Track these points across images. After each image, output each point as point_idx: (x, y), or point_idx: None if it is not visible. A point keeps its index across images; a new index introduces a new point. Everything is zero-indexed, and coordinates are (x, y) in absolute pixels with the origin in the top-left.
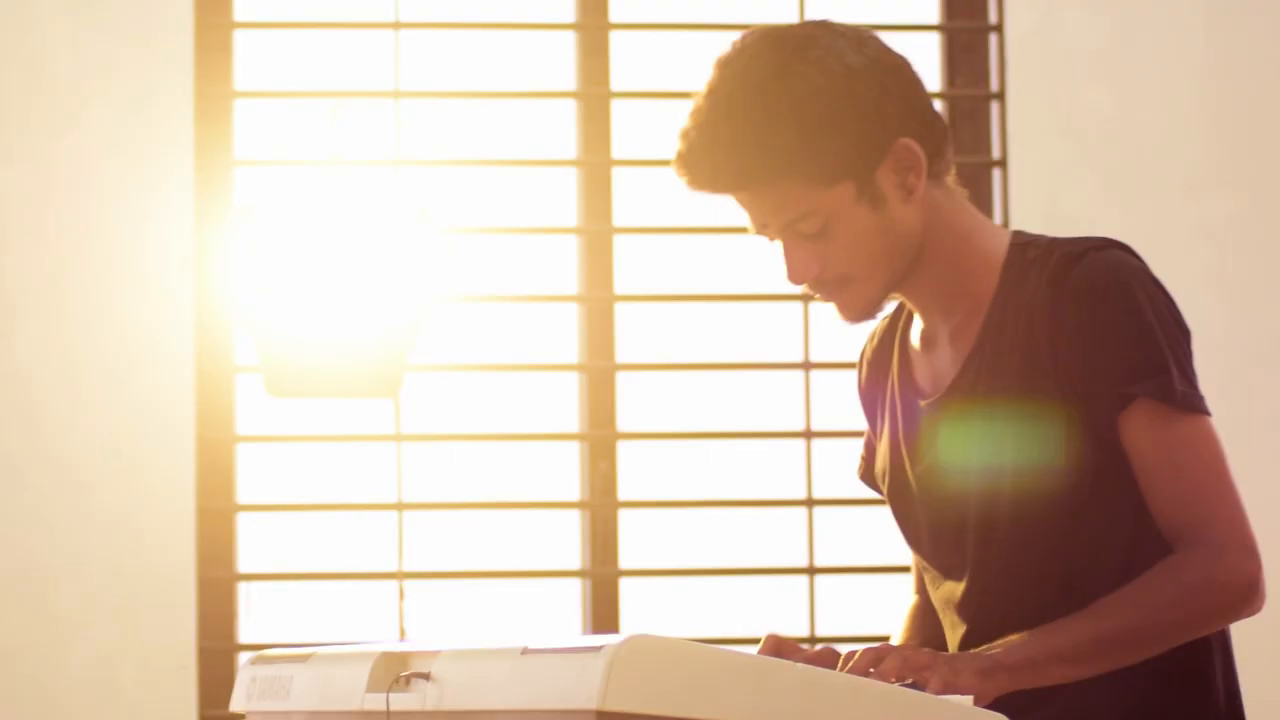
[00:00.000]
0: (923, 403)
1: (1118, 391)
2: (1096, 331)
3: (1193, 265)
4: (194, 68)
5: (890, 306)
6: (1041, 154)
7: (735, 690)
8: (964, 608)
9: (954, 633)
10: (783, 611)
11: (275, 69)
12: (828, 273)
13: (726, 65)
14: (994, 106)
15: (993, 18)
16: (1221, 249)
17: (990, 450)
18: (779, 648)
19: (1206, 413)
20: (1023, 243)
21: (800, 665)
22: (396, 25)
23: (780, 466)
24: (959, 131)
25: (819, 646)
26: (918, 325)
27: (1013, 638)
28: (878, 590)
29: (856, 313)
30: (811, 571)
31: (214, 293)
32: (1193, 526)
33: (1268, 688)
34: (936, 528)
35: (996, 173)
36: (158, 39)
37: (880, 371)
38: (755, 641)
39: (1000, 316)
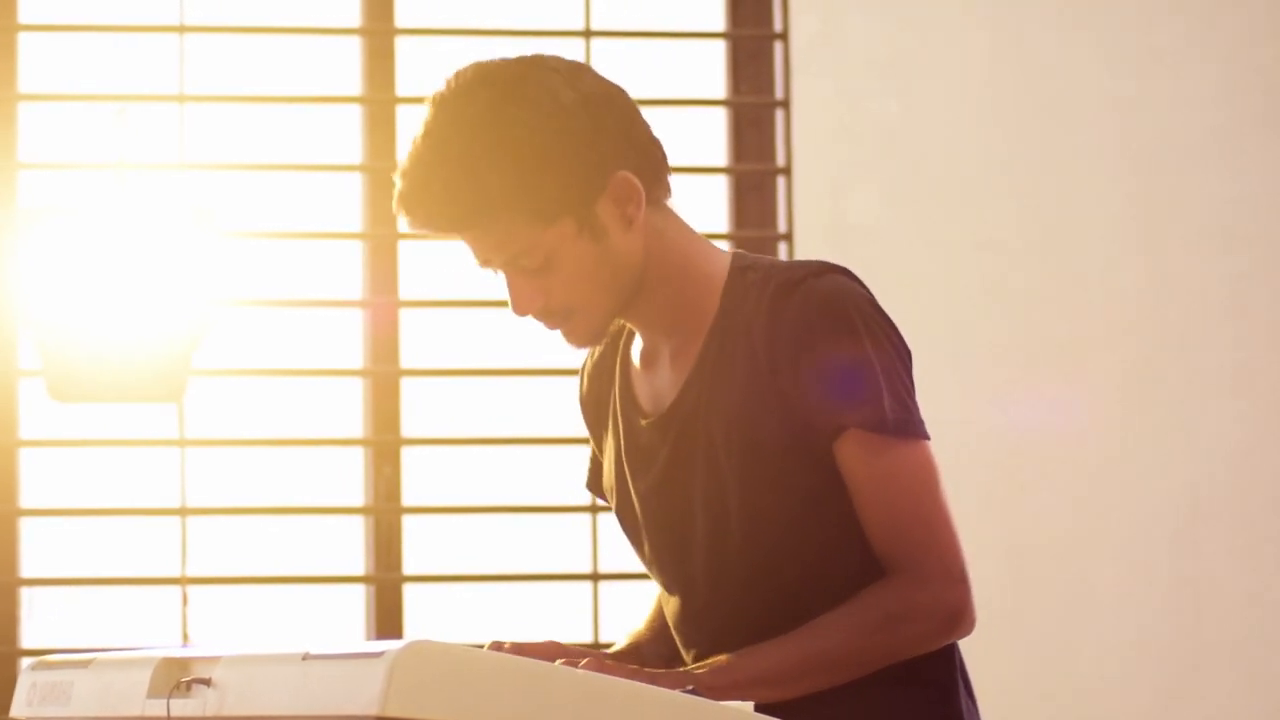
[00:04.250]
0: (644, 422)
1: (830, 420)
2: (811, 359)
3: (976, 273)
4: None
5: None
6: (825, 161)
7: (516, 696)
8: (691, 625)
9: (687, 653)
10: (567, 617)
11: (60, 72)
12: (552, 304)
13: (441, 106)
14: (778, 114)
15: (777, 25)
16: (1004, 257)
17: (712, 473)
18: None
19: (922, 437)
20: (743, 266)
21: (581, 672)
22: (181, 29)
23: (565, 472)
24: (744, 138)
25: (544, 642)
26: (638, 343)
27: (720, 659)
28: None
29: (581, 340)
30: (595, 578)
31: None
32: (901, 554)
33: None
34: (658, 546)
35: (781, 180)
36: None
37: (602, 386)
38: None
39: (720, 339)
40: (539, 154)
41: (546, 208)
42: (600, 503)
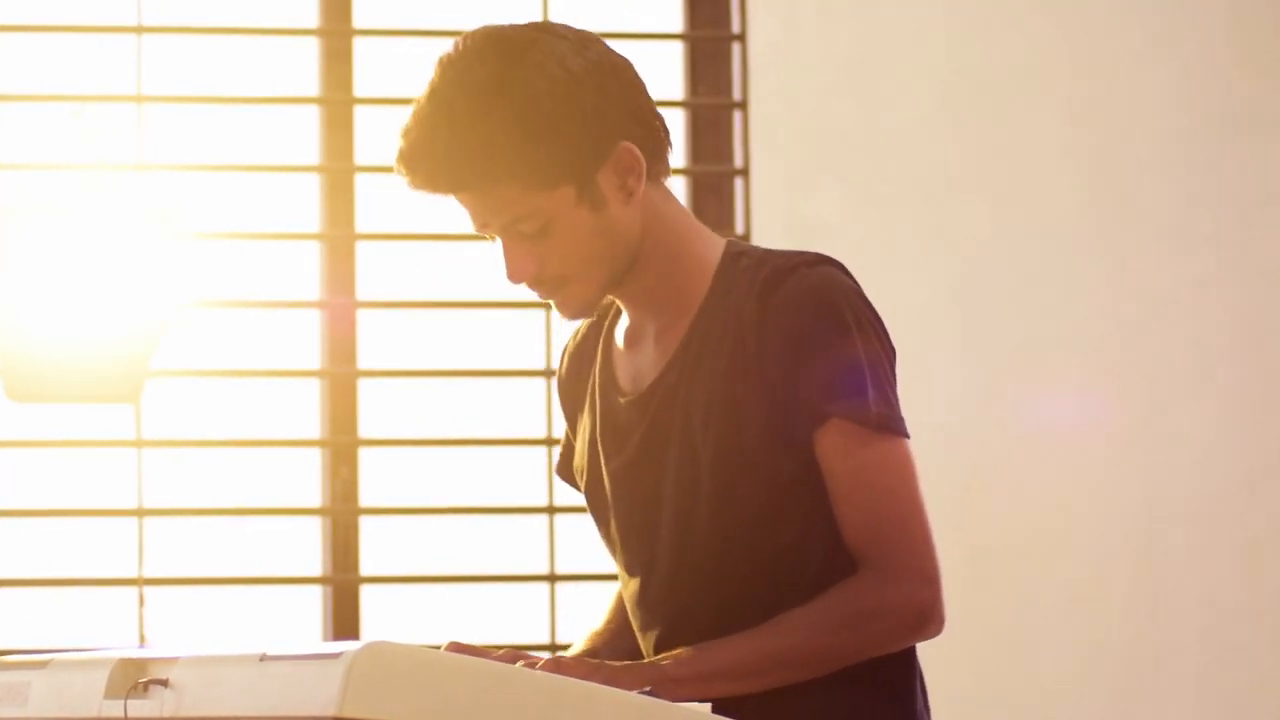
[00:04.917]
0: (622, 400)
1: (814, 409)
2: (800, 347)
3: (934, 275)
4: None
5: None
6: (783, 163)
7: (474, 698)
8: (648, 608)
9: (644, 636)
10: (524, 618)
11: (17, 72)
12: (546, 272)
13: (449, 66)
14: (736, 115)
15: (735, 27)
16: (962, 258)
17: (686, 453)
18: (460, 652)
19: (903, 435)
20: (736, 252)
21: (538, 673)
22: (139, 30)
23: (522, 474)
24: (701, 140)
25: (502, 650)
26: (623, 323)
27: (682, 651)
28: None
29: (574, 311)
30: (553, 579)
31: None
32: (875, 550)
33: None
34: (626, 525)
35: (739, 181)
36: None
37: (582, 367)
38: (498, 649)
39: (708, 321)
40: (543, 119)
41: (548, 173)
42: (559, 504)
